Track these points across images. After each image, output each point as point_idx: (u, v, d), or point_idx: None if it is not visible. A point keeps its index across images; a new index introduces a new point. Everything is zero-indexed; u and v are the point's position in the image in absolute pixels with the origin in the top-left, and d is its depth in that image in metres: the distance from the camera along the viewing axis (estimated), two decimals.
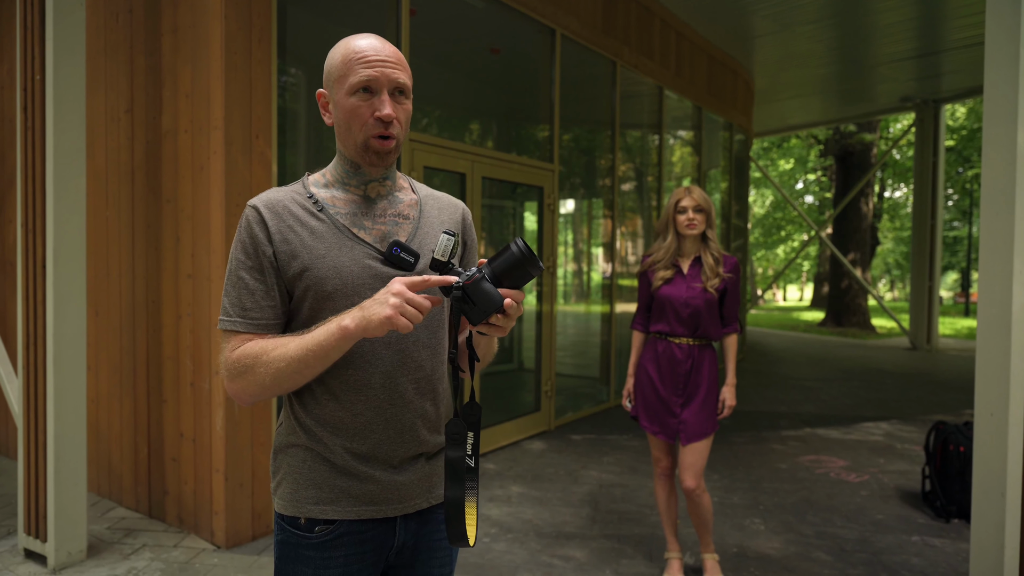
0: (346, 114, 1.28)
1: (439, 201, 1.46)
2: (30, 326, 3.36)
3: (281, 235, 1.28)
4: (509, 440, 5.66)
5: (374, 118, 1.27)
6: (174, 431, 3.77)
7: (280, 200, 1.31)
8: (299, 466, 1.32)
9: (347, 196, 1.35)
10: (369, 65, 1.26)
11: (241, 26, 3.49)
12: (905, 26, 8.59)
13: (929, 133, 12.51)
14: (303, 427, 1.32)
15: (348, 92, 1.27)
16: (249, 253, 1.28)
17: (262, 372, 1.22)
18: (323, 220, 1.30)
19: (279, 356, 1.20)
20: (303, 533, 1.31)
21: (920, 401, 7.89)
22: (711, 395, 3.08)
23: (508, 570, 3.33)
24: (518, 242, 1.13)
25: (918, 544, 3.70)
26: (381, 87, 1.27)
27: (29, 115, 3.35)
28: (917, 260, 12.80)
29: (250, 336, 1.27)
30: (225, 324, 1.28)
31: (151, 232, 3.86)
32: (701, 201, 3.05)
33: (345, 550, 1.31)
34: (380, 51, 1.28)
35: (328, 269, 1.26)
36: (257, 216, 1.28)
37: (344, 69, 1.28)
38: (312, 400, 1.31)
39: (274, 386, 1.23)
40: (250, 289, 1.27)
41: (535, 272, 1.15)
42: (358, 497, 1.31)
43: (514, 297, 1.17)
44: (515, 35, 5.99)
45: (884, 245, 29.58)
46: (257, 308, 1.27)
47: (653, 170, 8.22)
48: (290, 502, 1.32)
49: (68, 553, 3.29)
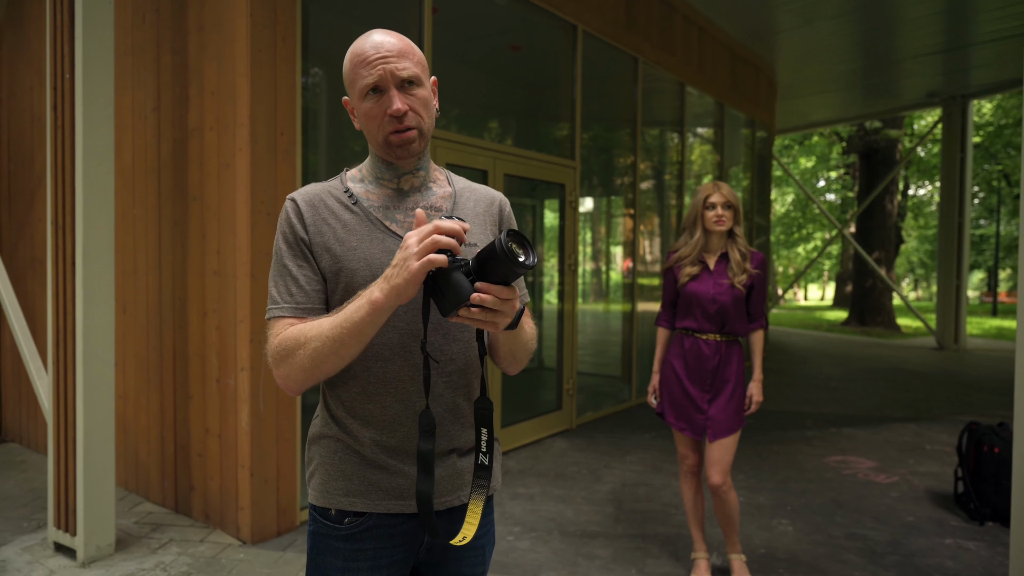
0: (364, 118, 1.31)
1: (475, 193, 1.46)
2: (59, 323, 3.40)
3: (316, 227, 1.30)
4: (531, 438, 5.65)
5: (387, 116, 1.28)
6: (200, 427, 3.80)
7: (317, 194, 1.34)
8: (330, 457, 1.33)
9: (381, 190, 1.36)
10: (370, 66, 1.27)
11: (266, 24, 3.50)
12: (932, 20, 8.45)
13: (956, 129, 12.31)
14: (335, 419, 1.34)
15: (360, 97, 1.30)
16: (290, 242, 1.31)
17: (301, 354, 1.21)
18: (356, 213, 1.32)
19: (315, 336, 1.19)
20: (333, 524, 1.32)
21: (949, 401, 7.75)
22: (738, 391, 3.05)
23: (532, 568, 3.31)
24: (501, 236, 1.07)
25: (952, 547, 3.63)
26: (387, 84, 1.27)
27: (59, 114, 3.39)
28: (944, 258, 12.59)
29: (295, 320, 1.27)
30: (273, 311, 1.29)
31: (177, 229, 3.89)
32: (730, 197, 3.02)
33: (374, 543, 1.32)
34: (380, 47, 1.27)
35: (359, 261, 1.28)
36: (295, 208, 1.32)
37: (353, 75, 1.30)
38: (344, 392, 1.32)
39: (314, 368, 1.21)
40: (294, 275, 1.29)
41: (518, 269, 1.07)
42: (388, 491, 1.31)
43: (492, 292, 1.09)
44: (536, 32, 5.97)
45: (908, 244, 29.16)
46: (302, 292, 1.29)
47: (674, 168, 8.16)
48: (321, 493, 1.33)
49: (97, 547, 3.33)
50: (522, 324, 1.31)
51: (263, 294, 3.51)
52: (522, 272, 1.08)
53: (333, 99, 4.29)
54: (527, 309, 1.48)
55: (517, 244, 1.08)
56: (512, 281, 1.11)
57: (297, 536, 3.66)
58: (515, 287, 1.14)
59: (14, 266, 5.16)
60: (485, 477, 1.25)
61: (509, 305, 1.11)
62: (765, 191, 11.43)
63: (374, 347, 1.27)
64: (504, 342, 1.33)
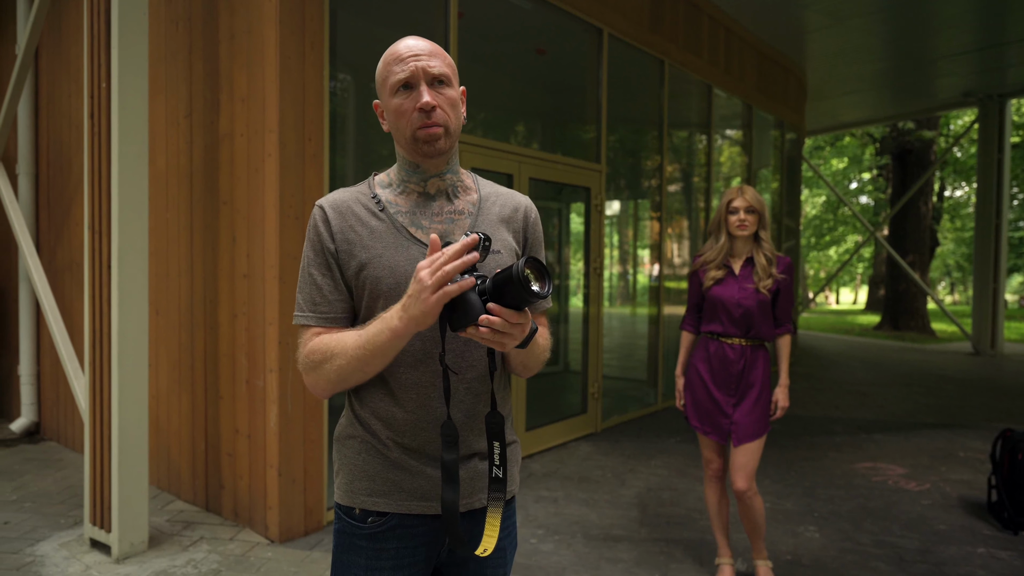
0: (393, 114, 1.33)
1: (500, 198, 1.47)
2: (96, 325, 3.49)
3: (343, 234, 1.33)
4: (556, 442, 5.65)
5: (416, 110, 1.30)
6: (230, 427, 3.87)
7: (345, 200, 1.36)
8: (354, 457, 1.36)
9: (407, 195, 1.38)
10: (403, 62, 1.30)
11: (294, 30, 3.57)
12: (967, 17, 8.28)
13: (993, 129, 12.03)
14: (359, 420, 1.37)
15: (391, 93, 1.32)
16: (316, 250, 1.34)
17: (328, 368, 1.27)
18: (383, 220, 1.34)
19: (340, 352, 1.25)
20: (357, 523, 1.35)
21: (984, 408, 7.58)
22: (764, 396, 3.02)
23: (555, 571, 3.32)
24: (519, 262, 1.08)
25: (984, 556, 3.55)
26: (418, 80, 1.30)
27: (96, 121, 3.49)
28: (980, 262, 12.31)
29: (321, 330, 1.32)
30: (299, 319, 1.34)
31: (208, 233, 3.97)
32: (753, 202, 2.99)
33: (397, 543, 1.34)
34: (413, 47, 1.31)
35: (383, 268, 1.30)
36: (322, 215, 1.35)
37: (385, 73, 1.33)
38: (368, 394, 1.35)
39: (340, 382, 1.28)
40: (318, 285, 1.33)
41: (531, 298, 1.08)
42: (410, 492, 1.33)
43: (503, 316, 1.10)
44: (562, 35, 5.98)
45: (944, 246, 28.52)
46: (326, 303, 1.33)
47: (701, 170, 8.10)
48: (346, 492, 1.37)
49: (131, 543, 3.41)
50: (535, 339, 1.31)
51: (291, 297, 3.57)
52: (534, 301, 1.10)
53: (360, 104, 4.35)
54: (544, 318, 1.50)
55: (534, 273, 1.10)
56: (524, 307, 1.13)
57: (324, 536, 3.71)
58: (527, 312, 1.15)
59: (53, 269, 5.31)
60: (500, 489, 1.27)
61: (519, 328, 1.13)
62: (795, 193, 11.28)
63: (400, 353, 1.30)
64: (515, 355, 1.35)
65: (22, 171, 5.52)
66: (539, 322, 1.46)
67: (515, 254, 1.42)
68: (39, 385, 5.69)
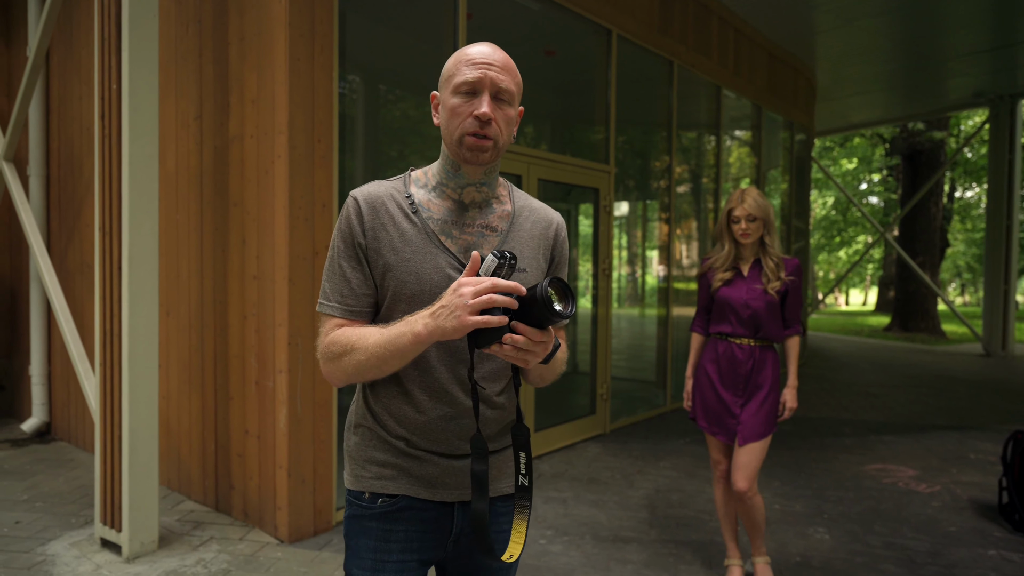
0: (448, 112, 1.33)
1: (534, 214, 1.47)
2: (106, 325, 3.52)
3: (373, 232, 1.33)
4: (564, 443, 5.64)
5: (472, 116, 1.30)
6: (240, 428, 3.89)
7: (380, 196, 1.36)
8: (364, 445, 1.40)
9: (442, 200, 1.38)
10: (475, 67, 1.30)
11: (304, 33, 3.58)
12: (977, 17, 8.23)
13: (1004, 130, 11.96)
14: (372, 412, 1.40)
15: (452, 92, 1.32)
16: (348, 242, 1.34)
17: (347, 362, 1.29)
18: (415, 223, 1.34)
19: (361, 348, 1.26)
20: (367, 504, 1.38)
21: (995, 409, 7.52)
22: (771, 396, 3.02)
23: (565, 572, 3.31)
24: (543, 283, 1.11)
25: (995, 559, 3.53)
26: (483, 88, 1.30)
27: (106, 123, 3.51)
28: (991, 263, 12.23)
29: (344, 321, 1.34)
30: (324, 308, 1.36)
31: (218, 234, 3.99)
32: (752, 209, 2.97)
33: (406, 525, 1.37)
34: (488, 56, 1.32)
35: (410, 274, 1.31)
36: (356, 207, 1.34)
37: (453, 70, 1.33)
38: (383, 390, 1.38)
39: (356, 375, 1.30)
40: (347, 277, 1.34)
41: (554, 318, 1.11)
42: (419, 478, 1.36)
43: (527, 334, 1.14)
44: (571, 36, 5.98)
45: (954, 248, 28.33)
46: (353, 295, 1.34)
47: (710, 171, 8.08)
48: (356, 477, 1.40)
49: (141, 543, 3.43)
50: (556, 355, 1.32)
51: (301, 298, 3.58)
52: (557, 321, 1.12)
53: (370, 105, 4.36)
54: (563, 332, 1.52)
55: (558, 293, 1.12)
56: (547, 327, 1.15)
57: (333, 536, 3.71)
58: (550, 329, 1.17)
59: (64, 270, 5.35)
60: (526, 498, 1.29)
61: (541, 347, 1.16)
62: (804, 194, 11.24)
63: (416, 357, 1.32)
64: (535, 368, 1.37)
65: (33, 173, 5.56)
66: (558, 335, 1.47)
67: (541, 272, 1.43)
68: (50, 385, 5.73)
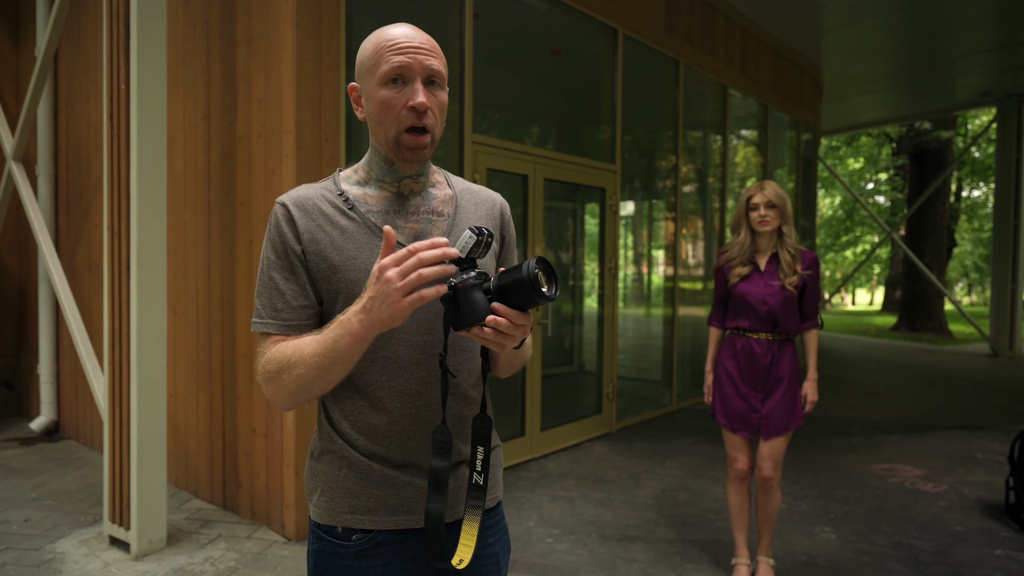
0: (378, 106, 1.21)
1: (476, 196, 1.38)
2: (115, 324, 3.54)
3: (310, 234, 1.21)
4: (570, 442, 5.65)
5: (407, 108, 1.19)
6: (247, 426, 3.90)
7: (310, 197, 1.24)
8: (334, 474, 1.26)
9: (380, 193, 1.27)
10: (401, 52, 1.18)
11: (311, 33, 3.59)
12: (985, 16, 8.19)
13: (1012, 129, 11.91)
14: (339, 433, 1.26)
15: (379, 83, 1.20)
16: (279, 252, 1.22)
17: (286, 379, 1.16)
18: (354, 219, 1.23)
19: (298, 361, 1.14)
20: (340, 541, 1.25)
21: (1003, 409, 7.49)
22: (791, 390, 3.03)
23: (571, 570, 3.32)
24: (530, 263, 1.05)
25: (1001, 558, 3.52)
26: (414, 75, 1.19)
27: (115, 123, 3.53)
28: (999, 262, 12.18)
29: (281, 338, 1.21)
30: (258, 326, 1.23)
31: (226, 234, 4.01)
32: (773, 197, 2.99)
33: (384, 559, 1.25)
34: (413, 38, 1.21)
35: (360, 271, 1.20)
36: (286, 213, 1.22)
37: (375, 58, 1.21)
38: (348, 405, 1.25)
39: (300, 392, 1.16)
40: (280, 290, 1.21)
41: (539, 299, 1.04)
42: (395, 507, 1.24)
43: (508, 316, 1.06)
44: (577, 36, 5.98)
45: (961, 247, 28.22)
46: (288, 309, 1.21)
47: (716, 171, 8.07)
48: (326, 511, 1.26)
49: (149, 541, 3.45)
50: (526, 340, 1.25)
51: None
52: (542, 303, 1.06)
53: None
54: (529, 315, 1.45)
55: (544, 274, 1.07)
56: (529, 309, 1.09)
57: None
58: (530, 313, 1.10)
59: (73, 270, 5.38)
60: (479, 497, 1.20)
61: (521, 330, 1.08)
62: (810, 194, 11.22)
63: (379, 360, 1.21)
64: (505, 355, 1.27)
65: (42, 172, 5.59)
66: None
67: (494, 254, 1.35)
68: (58, 384, 5.77)
